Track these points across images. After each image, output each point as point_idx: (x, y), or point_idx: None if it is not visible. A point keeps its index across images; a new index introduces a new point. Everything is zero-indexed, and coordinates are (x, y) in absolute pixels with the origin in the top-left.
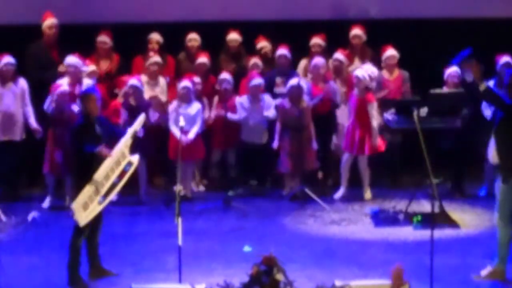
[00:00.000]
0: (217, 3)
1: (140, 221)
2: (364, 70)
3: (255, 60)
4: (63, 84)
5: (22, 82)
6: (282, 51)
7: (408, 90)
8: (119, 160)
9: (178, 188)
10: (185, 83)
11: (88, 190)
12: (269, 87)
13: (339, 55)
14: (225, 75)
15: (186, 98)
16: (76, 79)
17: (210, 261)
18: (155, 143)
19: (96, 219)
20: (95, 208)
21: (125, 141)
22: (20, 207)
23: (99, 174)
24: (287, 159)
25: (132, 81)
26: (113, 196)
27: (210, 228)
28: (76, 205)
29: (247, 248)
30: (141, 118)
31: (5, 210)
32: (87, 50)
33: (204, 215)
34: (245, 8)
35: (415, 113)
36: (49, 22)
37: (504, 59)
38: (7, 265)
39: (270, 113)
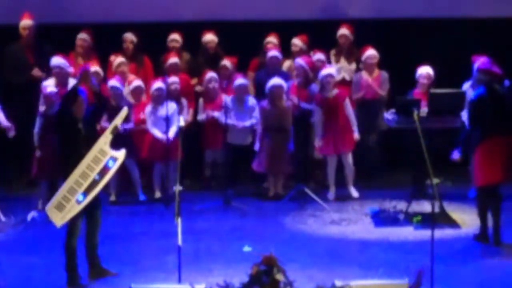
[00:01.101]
0: (200, 2)
1: (139, 221)
2: (330, 69)
3: (225, 62)
4: (50, 85)
5: None
6: (273, 52)
7: (386, 90)
8: (98, 157)
9: (177, 188)
10: (157, 85)
11: (62, 190)
12: (258, 88)
13: (319, 54)
14: (211, 74)
15: (159, 99)
16: (63, 80)
17: (209, 261)
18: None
19: (91, 219)
20: (74, 208)
21: (104, 138)
22: (20, 207)
23: (74, 173)
24: (265, 159)
25: (112, 82)
26: (95, 193)
27: (210, 228)
28: (50, 207)
29: (246, 248)
30: (122, 113)
31: (5, 210)
32: (66, 51)
33: (203, 215)
34: (231, 7)
35: (415, 113)
36: (24, 23)
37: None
38: (6, 265)
39: (248, 123)
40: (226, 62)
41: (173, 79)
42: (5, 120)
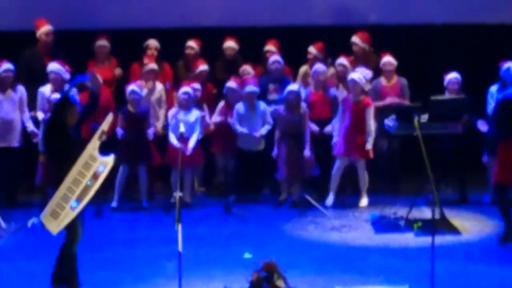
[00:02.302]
0: (216, 9)
1: (140, 227)
2: (359, 73)
3: (245, 67)
4: (46, 91)
5: (21, 89)
6: (275, 57)
7: (407, 97)
8: (88, 162)
9: (178, 194)
10: (185, 89)
11: (55, 197)
12: (261, 94)
13: (343, 60)
14: (231, 84)
15: (185, 105)
16: (59, 85)
17: (210, 267)
18: (155, 149)
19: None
20: (68, 214)
21: (92, 143)
22: (20, 214)
23: (66, 180)
24: (284, 166)
25: (132, 87)
26: (88, 199)
27: (210, 234)
28: (45, 215)
29: (247, 255)
30: (108, 119)
31: (5, 216)
32: (82, 57)
33: (204, 221)
34: (245, 14)
35: (415, 119)
36: (46, 28)
37: (507, 64)
38: (6, 272)
39: (264, 130)
40: (249, 69)
41: (197, 85)
42: (32, 125)
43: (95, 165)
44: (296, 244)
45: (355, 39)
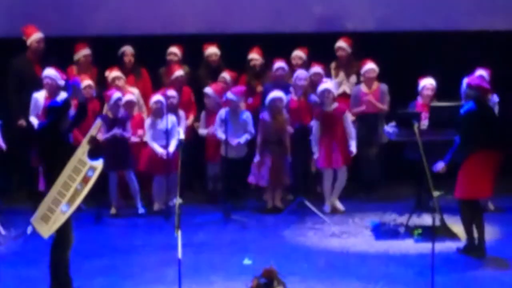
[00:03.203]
0: (200, 16)
1: (139, 233)
2: (328, 84)
3: (223, 74)
4: (40, 97)
5: None
6: (280, 64)
7: (387, 103)
8: (78, 167)
9: (178, 200)
10: (156, 98)
11: (46, 201)
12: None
13: (317, 68)
14: (208, 90)
15: (159, 113)
16: (54, 92)
17: (210, 274)
18: (136, 155)
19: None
20: (59, 218)
21: (81, 148)
22: (20, 220)
23: (56, 184)
24: (267, 173)
25: (116, 94)
26: (78, 202)
27: (210, 241)
28: (36, 219)
29: (247, 261)
30: (97, 124)
31: (5, 223)
32: (63, 63)
33: (204, 228)
34: (230, 21)
35: (415, 125)
36: (37, 36)
37: (479, 72)
38: (6, 278)
39: (242, 139)
40: (226, 76)
41: (172, 92)
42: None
43: (84, 169)
44: (296, 251)
45: (342, 43)
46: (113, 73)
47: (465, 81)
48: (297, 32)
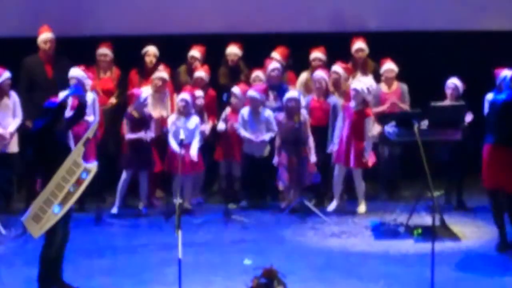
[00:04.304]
0: (219, 15)
1: (140, 233)
2: (363, 83)
3: (256, 73)
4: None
5: (14, 95)
6: (274, 64)
7: (407, 103)
8: (72, 168)
9: (178, 200)
10: (183, 96)
11: (38, 201)
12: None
13: (337, 67)
14: (235, 90)
15: (184, 111)
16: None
17: (210, 274)
18: (155, 156)
19: (64, 231)
20: (50, 219)
21: (77, 150)
22: (19, 220)
23: (49, 185)
24: (286, 173)
25: (142, 92)
26: (71, 204)
27: (210, 241)
28: (27, 219)
29: (247, 261)
30: (93, 126)
31: (4, 223)
32: (82, 64)
33: (204, 228)
34: (247, 20)
35: (415, 125)
36: (44, 36)
37: (504, 72)
38: (6, 278)
39: (267, 136)
40: (260, 75)
41: (199, 93)
42: (13, 129)
43: (78, 171)
44: (296, 251)
45: (362, 45)
46: (161, 74)
47: (508, 73)
48: (313, 32)
